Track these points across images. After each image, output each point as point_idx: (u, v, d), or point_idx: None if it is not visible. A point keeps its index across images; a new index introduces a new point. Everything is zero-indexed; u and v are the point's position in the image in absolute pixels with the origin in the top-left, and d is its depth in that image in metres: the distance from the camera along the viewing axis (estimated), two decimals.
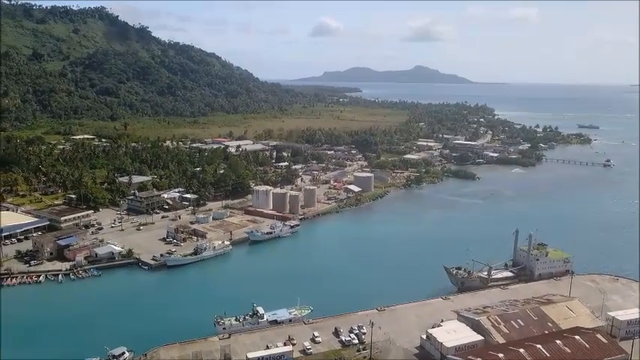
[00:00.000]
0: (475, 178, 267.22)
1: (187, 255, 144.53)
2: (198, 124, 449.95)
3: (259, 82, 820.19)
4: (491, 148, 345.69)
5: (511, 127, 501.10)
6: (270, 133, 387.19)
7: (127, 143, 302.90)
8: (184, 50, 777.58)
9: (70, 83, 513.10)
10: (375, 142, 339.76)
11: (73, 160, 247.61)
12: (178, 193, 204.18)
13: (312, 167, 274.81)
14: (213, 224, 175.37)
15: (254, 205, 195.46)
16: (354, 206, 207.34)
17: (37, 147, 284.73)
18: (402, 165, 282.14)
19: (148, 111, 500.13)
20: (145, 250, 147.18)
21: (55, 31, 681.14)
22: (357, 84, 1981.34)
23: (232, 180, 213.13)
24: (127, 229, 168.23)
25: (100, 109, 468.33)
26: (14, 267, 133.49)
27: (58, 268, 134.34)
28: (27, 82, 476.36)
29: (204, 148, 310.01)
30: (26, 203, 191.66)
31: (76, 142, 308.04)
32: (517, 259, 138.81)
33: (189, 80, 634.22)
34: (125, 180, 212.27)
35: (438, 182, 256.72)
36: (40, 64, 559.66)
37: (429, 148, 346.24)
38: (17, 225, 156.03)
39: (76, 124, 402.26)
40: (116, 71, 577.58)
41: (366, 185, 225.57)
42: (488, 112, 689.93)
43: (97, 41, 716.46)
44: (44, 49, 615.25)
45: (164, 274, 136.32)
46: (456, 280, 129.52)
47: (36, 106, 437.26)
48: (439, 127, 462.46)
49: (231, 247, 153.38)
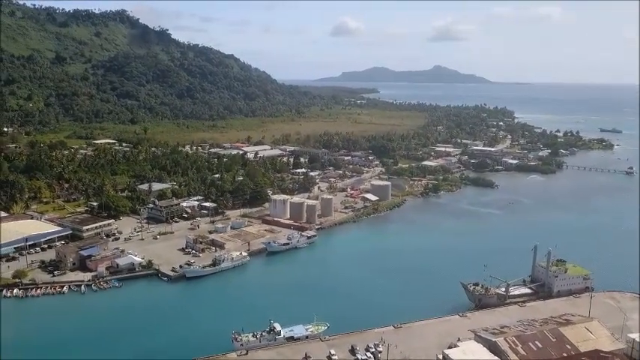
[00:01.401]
0: (494, 187, 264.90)
1: (206, 266, 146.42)
2: (217, 128, 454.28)
3: (277, 84, 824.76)
4: (511, 155, 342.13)
5: (531, 131, 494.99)
6: (287, 137, 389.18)
7: (147, 149, 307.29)
8: (203, 52, 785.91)
9: (91, 87, 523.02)
10: (393, 148, 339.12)
11: (94, 167, 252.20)
12: (197, 201, 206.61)
13: (330, 174, 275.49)
14: (231, 234, 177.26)
15: (271, 215, 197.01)
16: (371, 215, 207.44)
17: (60, 152, 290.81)
18: (419, 172, 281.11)
19: (167, 114, 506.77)
20: (164, 261, 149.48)
21: (78, 34, 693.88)
22: (374, 84, 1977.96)
23: (250, 188, 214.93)
24: (147, 238, 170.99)
25: (120, 113, 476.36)
26: (38, 277, 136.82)
27: (80, 279, 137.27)
28: (50, 85, 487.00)
29: (223, 153, 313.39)
30: (49, 210, 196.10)
31: (98, 148, 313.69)
32: (535, 275, 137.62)
33: (207, 83, 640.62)
34: (145, 188, 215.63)
35: (455, 190, 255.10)
36: (63, 68, 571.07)
37: (447, 154, 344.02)
38: (41, 234, 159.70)
39: (98, 128, 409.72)
40: (136, 74, 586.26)
41: (383, 194, 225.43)
42: (508, 115, 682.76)
43: (118, 44, 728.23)
44: (67, 52, 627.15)
45: (183, 285, 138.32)
46: (474, 296, 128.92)
47: (59, 110, 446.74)
48: (457, 132, 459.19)
49: (248, 258, 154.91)
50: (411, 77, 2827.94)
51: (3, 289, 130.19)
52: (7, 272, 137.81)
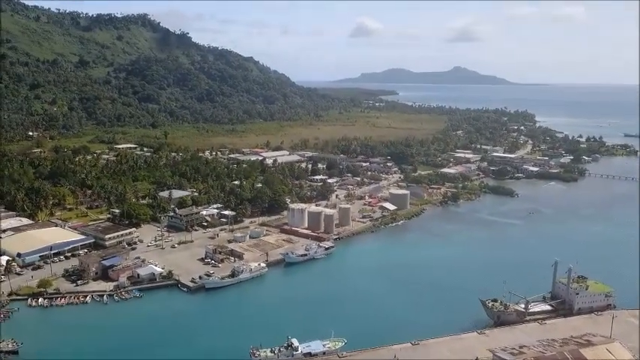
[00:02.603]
0: (514, 195, 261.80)
1: (225, 277, 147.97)
2: (236, 132, 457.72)
3: (296, 87, 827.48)
4: (532, 162, 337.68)
5: (553, 136, 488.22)
6: (305, 143, 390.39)
7: (167, 155, 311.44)
8: (223, 55, 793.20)
9: (113, 90, 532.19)
10: (412, 154, 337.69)
11: (116, 173, 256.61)
12: (217, 209, 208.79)
13: (348, 181, 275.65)
14: (250, 243, 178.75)
15: (289, 224, 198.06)
16: (389, 225, 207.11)
17: (83, 157, 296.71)
18: (438, 180, 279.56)
19: (187, 118, 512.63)
20: (184, 271, 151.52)
21: (100, 38, 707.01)
22: (393, 85, 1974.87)
23: (268, 197, 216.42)
24: (167, 247, 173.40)
25: (141, 117, 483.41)
26: (62, 286, 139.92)
27: (102, 289, 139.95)
28: (74, 89, 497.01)
29: (242, 159, 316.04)
30: (73, 217, 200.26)
31: (120, 153, 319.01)
32: (556, 291, 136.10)
33: (227, 86, 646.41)
34: (165, 195, 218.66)
35: (475, 199, 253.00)
36: (86, 71, 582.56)
37: (467, 161, 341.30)
38: (65, 242, 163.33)
39: (119, 132, 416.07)
40: (157, 77, 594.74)
41: (401, 203, 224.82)
42: (529, 118, 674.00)
43: (140, 47, 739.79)
44: (90, 56, 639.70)
45: (202, 297, 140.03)
46: (492, 313, 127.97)
47: (82, 114, 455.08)
48: (477, 137, 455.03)
49: (266, 269, 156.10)
50: (430, 78, 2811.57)
51: (28, 298, 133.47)
52: (32, 281, 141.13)
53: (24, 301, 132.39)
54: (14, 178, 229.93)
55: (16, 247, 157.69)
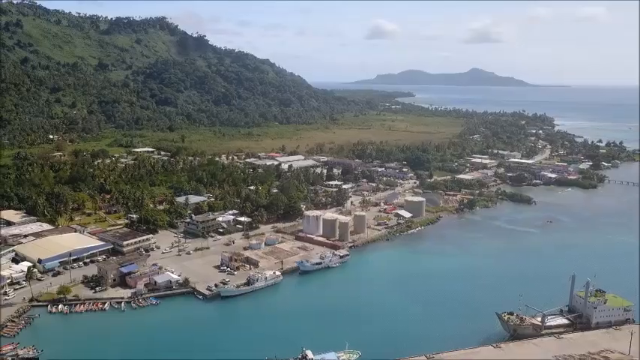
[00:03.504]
0: (531, 202, 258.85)
1: (240, 285, 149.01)
2: (252, 136, 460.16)
3: (312, 90, 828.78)
4: (550, 168, 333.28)
5: (572, 141, 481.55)
6: (321, 147, 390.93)
7: (184, 159, 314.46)
8: (240, 58, 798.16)
9: (131, 94, 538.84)
10: (428, 160, 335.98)
11: (134, 178, 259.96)
12: (232, 215, 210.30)
13: (363, 187, 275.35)
14: (265, 250, 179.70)
15: (304, 230, 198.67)
16: (404, 233, 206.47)
17: (102, 161, 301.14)
18: (454, 186, 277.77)
19: (204, 121, 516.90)
20: (200, 279, 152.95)
21: (119, 41, 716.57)
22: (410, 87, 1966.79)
23: (284, 203, 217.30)
24: (183, 254, 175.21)
25: (159, 120, 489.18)
26: (81, 293, 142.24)
27: (120, 296, 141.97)
28: (93, 92, 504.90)
29: (258, 163, 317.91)
30: (91, 222, 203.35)
31: (137, 157, 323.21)
32: (573, 305, 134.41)
33: (243, 89, 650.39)
34: (182, 201, 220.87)
35: (491, 206, 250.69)
36: (105, 75, 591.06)
37: (484, 167, 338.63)
38: (84, 249, 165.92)
39: (137, 135, 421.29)
40: (175, 80, 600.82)
41: (417, 210, 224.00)
42: (548, 122, 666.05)
43: (158, 50, 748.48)
44: (109, 59, 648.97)
45: (218, 305, 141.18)
46: (508, 326, 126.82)
47: (101, 117, 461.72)
48: (494, 141, 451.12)
49: (281, 278, 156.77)
50: (447, 80, 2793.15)
51: (48, 305, 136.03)
52: (52, 287, 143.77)
53: (44, 308, 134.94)
54: (35, 183, 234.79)
55: (37, 252, 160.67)
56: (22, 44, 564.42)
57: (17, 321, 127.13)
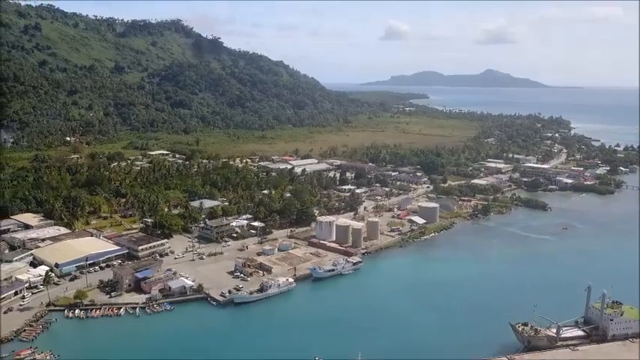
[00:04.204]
0: (546, 209, 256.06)
1: (253, 292, 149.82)
2: (266, 139, 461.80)
3: (325, 91, 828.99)
4: (565, 173, 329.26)
5: (588, 144, 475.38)
6: (334, 150, 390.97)
7: (199, 163, 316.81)
8: (254, 60, 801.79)
9: (147, 96, 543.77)
10: (442, 164, 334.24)
11: (149, 181, 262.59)
12: (246, 220, 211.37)
13: (376, 192, 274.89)
14: (278, 256, 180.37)
15: (317, 236, 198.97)
16: (418, 239, 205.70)
17: (118, 164, 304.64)
18: (468, 191, 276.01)
19: (218, 123, 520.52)
20: (214, 285, 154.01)
21: (135, 44, 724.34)
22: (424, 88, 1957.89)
23: (296, 208, 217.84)
24: (197, 259, 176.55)
25: (174, 122, 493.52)
26: (97, 298, 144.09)
27: (135, 301, 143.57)
28: (109, 95, 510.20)
29: (271, 167, 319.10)
30: (107, 226, 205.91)
31: (152, 160, 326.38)
32: (589, 316, 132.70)
33: (257, 91, 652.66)
34: (197, 205, 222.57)
35: (506, 212, 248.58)
36: (121, 77, 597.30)
37: (498, 171, 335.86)
38: (100, 253, 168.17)
39: (152, 137, 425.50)
40: (189, 83, 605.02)
41: (430, 216, 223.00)
42: (564, 125, 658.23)
43: (173, 53, 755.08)
44: (125, 61, 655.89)
45: (231, 312, 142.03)
46: (522, 337, 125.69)
47: (117, 119, 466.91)
48: (509, 145, 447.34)
49: (294, 284, 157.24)
50: (461, 81, 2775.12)
51: (65, 309, 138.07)
52: (69, 292, 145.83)
53: (61, 312, 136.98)
54: (52, 186, 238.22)
55: (54, 257, 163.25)
56: (41, 47, 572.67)
57: (35, 325, 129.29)
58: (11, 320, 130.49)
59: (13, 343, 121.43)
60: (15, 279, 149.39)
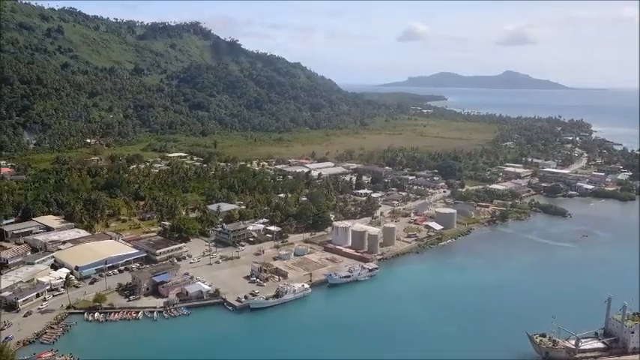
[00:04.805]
0: (566, 215, 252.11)
1: (269, 297, 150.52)
2: (283, 141, 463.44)
3: (342, 93, 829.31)
4: (586, 179, 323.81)
5: (610, 149, 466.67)
6: (351, 153, 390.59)
7: (217, 166, 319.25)
8: (271, 62, 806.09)
9: (166, 98, 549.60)
10: (460, 168, 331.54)
11: (167, 184, 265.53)
12: (263, 224, 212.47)
13: (393, 196, 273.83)
14: (294, 261, 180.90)
15: (333, 241, 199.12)
16: (435, 245, 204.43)
17: (137, 167, 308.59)
18: (486, 197, 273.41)
19: (236, 126, 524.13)
20: (230, 289, 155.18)
21: (154, 46, 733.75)
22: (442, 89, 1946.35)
23: (312, 213, 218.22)
24: (214, 262, 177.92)
25: (192, 124, 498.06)
26: (116, 301, 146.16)
27: (153, 305, 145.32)
28: (128, 97, 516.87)
29: (288, 170, 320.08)
30: (126, 229, 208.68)
31: (171, 162, 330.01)
32: (609, 328, 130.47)
33: (275, 93, 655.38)
34: (214, 209, 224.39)
35: (525, 219, 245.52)
36: (141, 79, 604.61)
37: (517, 176, 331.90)
38: (119, 256, 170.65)
39: (171, 140, 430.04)
40: (208, 85, 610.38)
41: (448, 222, 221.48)
42: (585, 128, 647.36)
43: (192, 55, 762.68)
44: (144, 63, 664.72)
45: (247, 317, 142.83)
46: (540, 349, 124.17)
47: (136, 121, 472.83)
48: (529, 149, 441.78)
49: (310, 290, 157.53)
50: (480, 82, 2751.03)
51: (85, 312, 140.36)
52: (88, 295, 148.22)
53: (81, 315, 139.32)
54: (73, 188, 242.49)
55: (75, 259, 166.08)
56: (63, 50, 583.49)
57: (55, 328, 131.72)
58: (32, 322, 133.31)
59: (34, 345, 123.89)
60: (37, 281, 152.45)
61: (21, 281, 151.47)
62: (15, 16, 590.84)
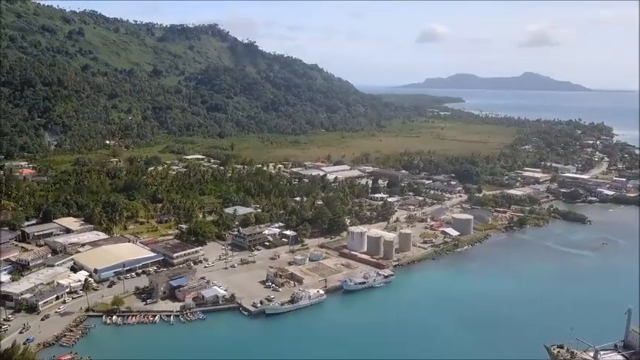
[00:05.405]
0: (586, 222, 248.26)
1: (284, 303, 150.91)
2: (299, 144, 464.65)
3: (359, 95, 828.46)
4: (607, 184, 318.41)
5: (632, 153, 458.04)
6: (367, 156, 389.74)
7: (233, 168, 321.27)
8: (288, 63, 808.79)
9: (183, 100, 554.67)
10: (477, 173, 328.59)
11: (184, 187, 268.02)
12: (278, 228, 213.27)
13: (409, 201, 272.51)
14: (309, 267, 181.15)
15: (348, 247, 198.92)
16: (451, 252, 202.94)
17: (155, 169, 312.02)
18: (504, 202, 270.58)
19: (252, 128, 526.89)
20: (245, 294, 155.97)
21: (173, 48, 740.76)
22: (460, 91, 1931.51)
23: (328, 218, 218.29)
24: (229, 266, 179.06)
25: (209, 126, 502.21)
26: (133, 305, 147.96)
27: (169, 309, 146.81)
28: (147, 99, 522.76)
29: (304, 174, 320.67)
30: (143, 232, 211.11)
31: (188, 164, 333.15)
32: (629, 340, 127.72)
33: (291, 95, 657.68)
34: (231, 212, 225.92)
35: (543, 225, 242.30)
36: (159, 81, 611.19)
37: (536, 181, 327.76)
38: (137, 260, 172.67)
39: (188, 142, 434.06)
40: (225, 87, 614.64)
41: (464, 228, 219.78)
42: (606, 132, 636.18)
43: (210, 57, 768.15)
44: (162, 65, 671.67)
45: (262, 323, 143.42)
46: None
47: (154, 123, 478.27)
48: (548, 153, 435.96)
49: (325, 296, 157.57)
50: (499, 84, 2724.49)
51: (103, 315, 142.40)
52: (107, 298, 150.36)
53: (99, 318, 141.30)
54: (92, 190, 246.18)
55: (94, 262, 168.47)
56: (84, 52, 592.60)
57: (75, 331, 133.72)
58: (52, 324, 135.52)
59: (54, 347, 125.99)
60: (57, 284, 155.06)
61: (41, 283, 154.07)
62: (38, 19, 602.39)
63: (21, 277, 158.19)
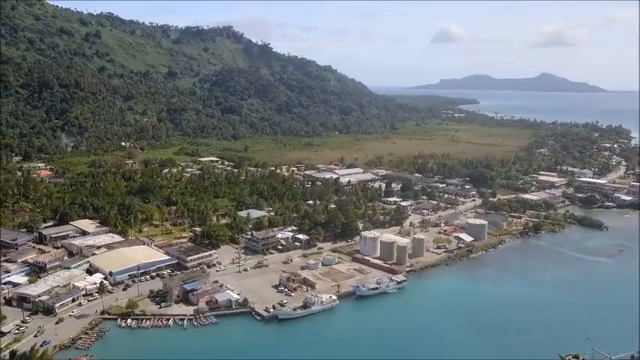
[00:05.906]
0: (602, 228, 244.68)
1: (297, 308, 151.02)
2: (312, 146, 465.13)
3: (372, 96, 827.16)
4: (624, 189, 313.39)
5: None
6: (380, 159, 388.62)
7: (247, 171, 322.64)
8: (302, 65, 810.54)
9: (198, 102, 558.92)
10: (491, 177, 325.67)
11: (199, 189, 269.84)
12: (291, 232, 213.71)
13: (423, 205, 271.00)
14: (321, 271, 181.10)
15: (361, 251, 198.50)
16: (465, 257, 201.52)
17: (169, 171, 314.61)
18: (519, 207, 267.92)
19: (266, 130, 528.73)
20: (258, 298, 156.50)
21: (188, 50, 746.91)
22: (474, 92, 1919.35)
23: (341, 222, 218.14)
24: (242, 270, 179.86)
25: (223, 128, 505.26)
26: (148, 308, 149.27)
27: (183, 313, 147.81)
28: (162, 100, 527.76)
29: (317, 177, 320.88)
30: (158, 234, 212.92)
31: (202, 166, 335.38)
32: None
33: (305, 97, 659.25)
34: (244, 215, 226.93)
35: (558, 231, 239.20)
36: (174, 82, 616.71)
37: (551, 185, 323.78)
38: (151, 263, 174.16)
39: (203, 143, 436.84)
40: (239, 89, 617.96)
41: (478, 233, 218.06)
42: (624, 135, 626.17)
43: (224, 58, 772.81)
44: (177, 67, 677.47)
45: (275, 328, 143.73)
46: None
47: (169, 125, 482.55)
48: (564, 157, 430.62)
49: (337, 302, 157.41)
50: (515, 85, 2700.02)
51: (117, 318, 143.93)
52: (121, 301, 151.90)
53: (114, 321, 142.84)
54: (108, 192, 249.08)
55: (109, 265, 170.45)
56: (100, 54, 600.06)
57: (90, 333, 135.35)
58: (68, 327, 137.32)
59: (69, 350, 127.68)
60: (73, 286, 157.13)
61: (58, 285, 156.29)
62: (56, 21, 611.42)
63: (38, 279, 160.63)
